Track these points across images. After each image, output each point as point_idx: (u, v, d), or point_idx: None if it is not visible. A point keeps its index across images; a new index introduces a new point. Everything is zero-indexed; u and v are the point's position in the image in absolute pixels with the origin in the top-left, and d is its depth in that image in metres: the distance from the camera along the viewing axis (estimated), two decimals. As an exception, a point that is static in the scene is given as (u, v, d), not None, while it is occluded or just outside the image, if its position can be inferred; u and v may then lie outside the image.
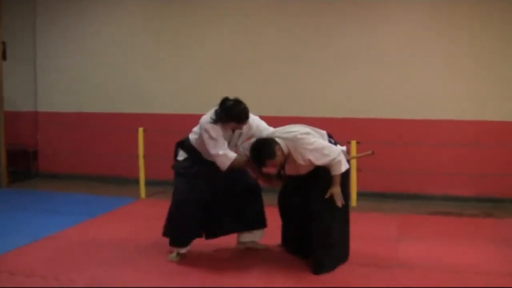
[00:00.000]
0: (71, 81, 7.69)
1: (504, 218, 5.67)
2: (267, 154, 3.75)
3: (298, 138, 3.77)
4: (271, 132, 3.97)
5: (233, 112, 3.89)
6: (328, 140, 3.94)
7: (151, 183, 6.67)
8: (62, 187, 7.18)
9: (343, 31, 6.70)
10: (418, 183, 6.54)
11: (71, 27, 7.66)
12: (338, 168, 3.79)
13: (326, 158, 3.75)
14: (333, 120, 6.49)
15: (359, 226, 4.54)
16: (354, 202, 5.93)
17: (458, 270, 3.96)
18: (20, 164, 7.76)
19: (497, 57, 6.29)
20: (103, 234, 4.87)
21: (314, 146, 3.75)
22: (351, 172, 4.45)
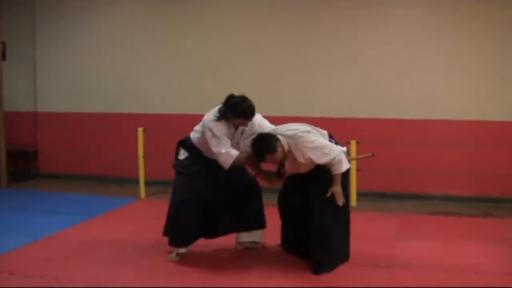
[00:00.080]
0: (71, 81, 7.69)
1: (504, 218, 5.67)
2: (268, 148, 3.75)
3: (299, 136, 3.78)
4: (273, 129, 3.98)
5: (239, 109, 3.88)
6: (329, 140, 3.94)
7: (151, 183, 6.67)
8: (61, 187, 7.18)
9: (343, 31, 6.70)
10: (418, 183, 6.54)
11: (70, 27, 7.66)
12: (339, 167, 3.79)
13: (327, 157, 3.76)
14: (333, 120, 6.48)
15: (359, 226, 4.53)
16: (354, 202, 5.92)
17: (458, 270, 3.96)
18: (20, 164, 7.76)
19: (497, 57, 6.28)
20: (103, 234, 4.87)
21: (314, 144, 3.75)
22: (351, 172, 4.44)
